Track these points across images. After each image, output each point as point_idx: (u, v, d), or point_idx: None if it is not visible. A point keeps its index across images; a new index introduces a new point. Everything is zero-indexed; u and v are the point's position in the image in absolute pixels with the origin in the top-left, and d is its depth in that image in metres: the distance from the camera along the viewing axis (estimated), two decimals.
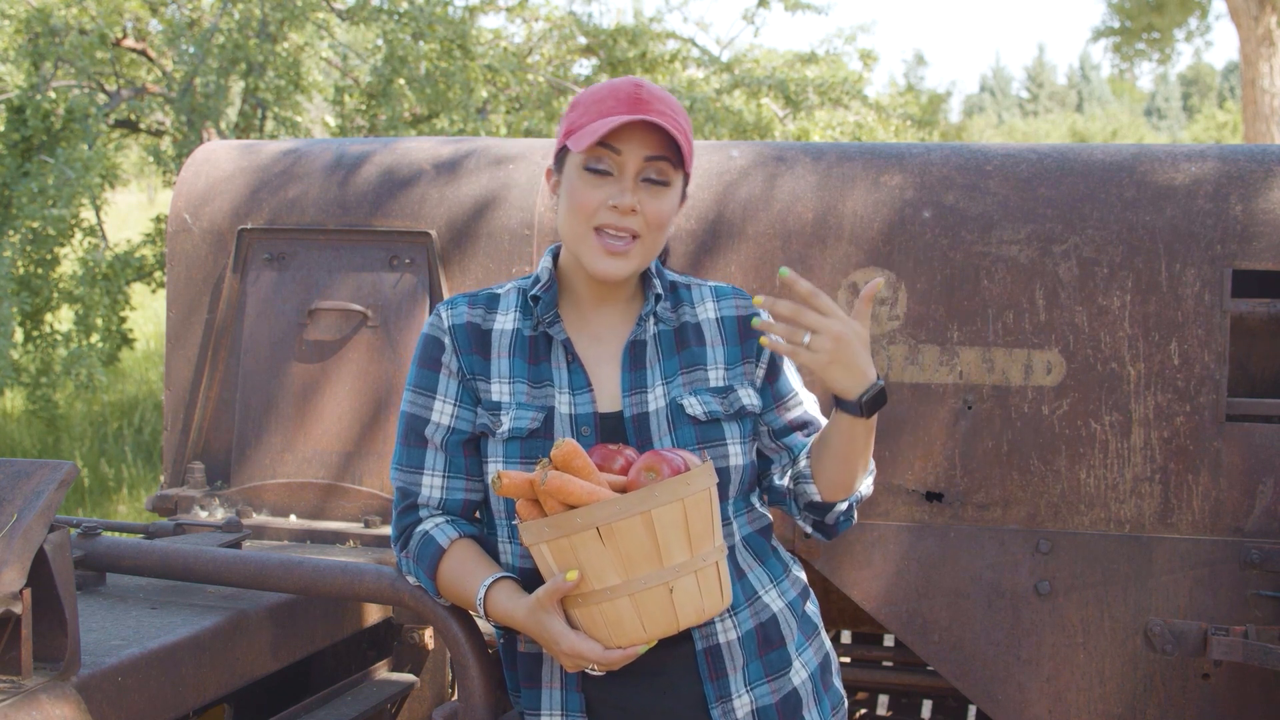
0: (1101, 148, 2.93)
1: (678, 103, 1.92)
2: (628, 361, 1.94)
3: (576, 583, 1.69)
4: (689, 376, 1.94)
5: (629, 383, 1.93)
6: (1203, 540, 2.71)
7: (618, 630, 1.71)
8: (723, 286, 2.05)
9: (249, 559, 2.34)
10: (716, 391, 1.94)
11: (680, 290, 2.02)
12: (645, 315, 1.96)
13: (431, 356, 1.97)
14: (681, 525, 1.68)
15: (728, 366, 1.97)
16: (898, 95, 12.98)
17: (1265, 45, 14.02)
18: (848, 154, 2.96)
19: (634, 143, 1.84)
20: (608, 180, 1.86)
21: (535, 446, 1.88)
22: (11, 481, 1.86)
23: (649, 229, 1.88)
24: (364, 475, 3.06)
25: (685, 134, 1.87)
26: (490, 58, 9.32)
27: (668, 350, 1.96)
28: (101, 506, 7.90)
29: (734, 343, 1.99)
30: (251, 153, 3.31)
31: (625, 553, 1.67)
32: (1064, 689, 2.75)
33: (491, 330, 1.96)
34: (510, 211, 3.05)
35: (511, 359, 1.94)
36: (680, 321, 1.99)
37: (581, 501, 1.67)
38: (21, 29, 8.72)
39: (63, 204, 7.73)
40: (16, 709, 1.76)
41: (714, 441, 1.91)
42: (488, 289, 2.03)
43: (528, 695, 1.93)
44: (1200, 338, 2.71)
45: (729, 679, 1.88)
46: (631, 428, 1.90)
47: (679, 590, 1.69)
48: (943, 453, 2.80)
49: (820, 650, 2.03)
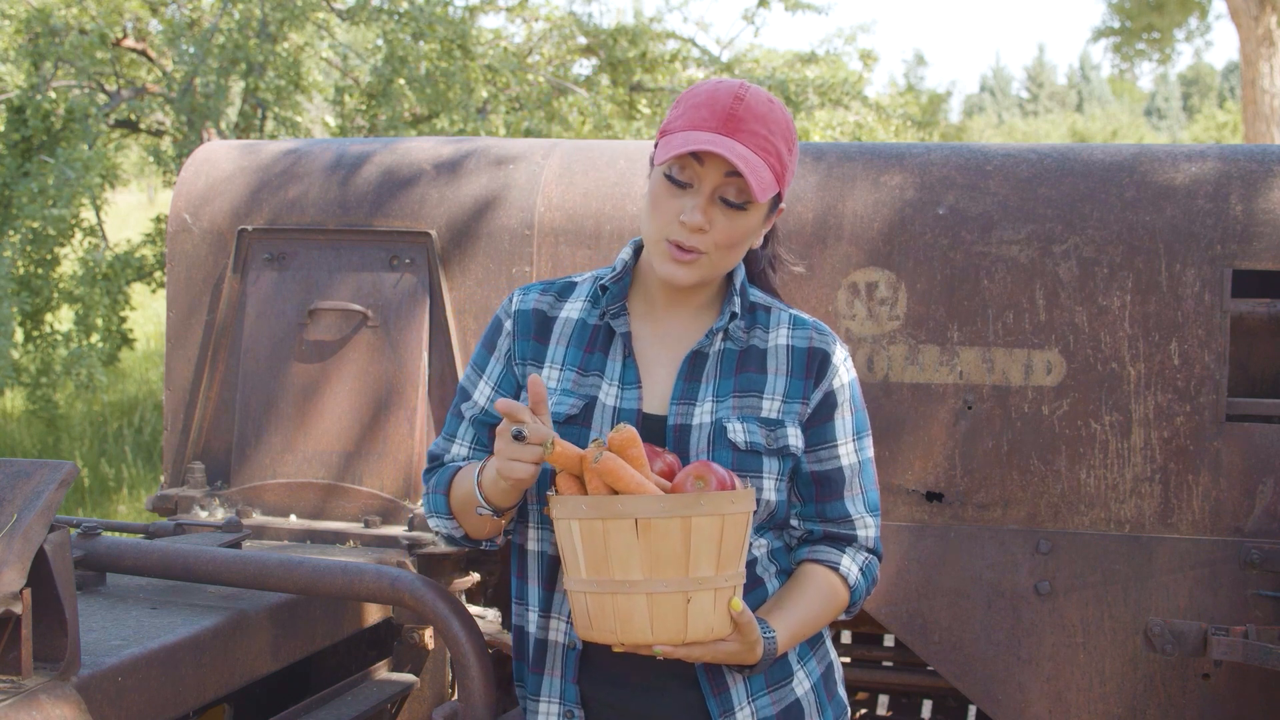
0: (1101, 148, 2.93)
1: (781, 116, 1.84)
2: (685, 370, 1.90)
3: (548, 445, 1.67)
4: (741, 401, 1.89)
5: (680, 391, 1.89)
6: (1203, 540, 2.71)
7: (626, 625, 1.70)
8: (804, 318, 1.97)
9: (249, 559, 2.34)
10: (766, 423, 1.88)
11: (759, 313, 1.96)
12: (714, 330, 1.90)
13: (490, 338, 1.99)
14: (716, 540, 1.68)
15: (785, 399, 1.90)
16: (898, 95, 12.98)
17: (1265, 45, 14.02)
18: (848, 154, 2.96)
19: (716, 161, 1.79)
20: (686, 192, 1.82)
21: (571, 434, 1.86)
22: (11, 481, 1.86)
23: (717, 248, 1.83)
24: (364, 475, 3.06)
25: (777, 154, 1.82)
26: (490, 58, 9.33)
27: (727, 369, 1.91)
28: (101, 506, 7.90)
29: (799, 375, 1.91)
30: (251, 153, 3.31)
31: (656, 551, 1.66)
32: (1064, 689, 2.75)
33: (556, 318, 1.96)
34: (510, 211, 3.05)
35: (567, 347, 1.93)
36: (748, 344, 1.93)
37: (629, 489, 1.67)
38: (21, 29, 8.72)
39: (63, 204, 7.73)
40: (16, 709, 1.76)
41: (749, 472, 1.86)
42: (568, 277, 2.02)
43: (532, 680, 1.93)
44: (1200, 338, 2.71)
45: (730, 692, 1.86)
46: (672, 436, 1.87)
47: (695, 602, 1.69)
48: (943, 453, 2.80)
49: (824, 659, 2.00)
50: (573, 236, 3.00)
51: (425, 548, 2.91)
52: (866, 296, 2.83)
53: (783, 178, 1.85)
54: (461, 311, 3.07)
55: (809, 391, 1.91)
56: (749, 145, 1.80)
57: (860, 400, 1.97)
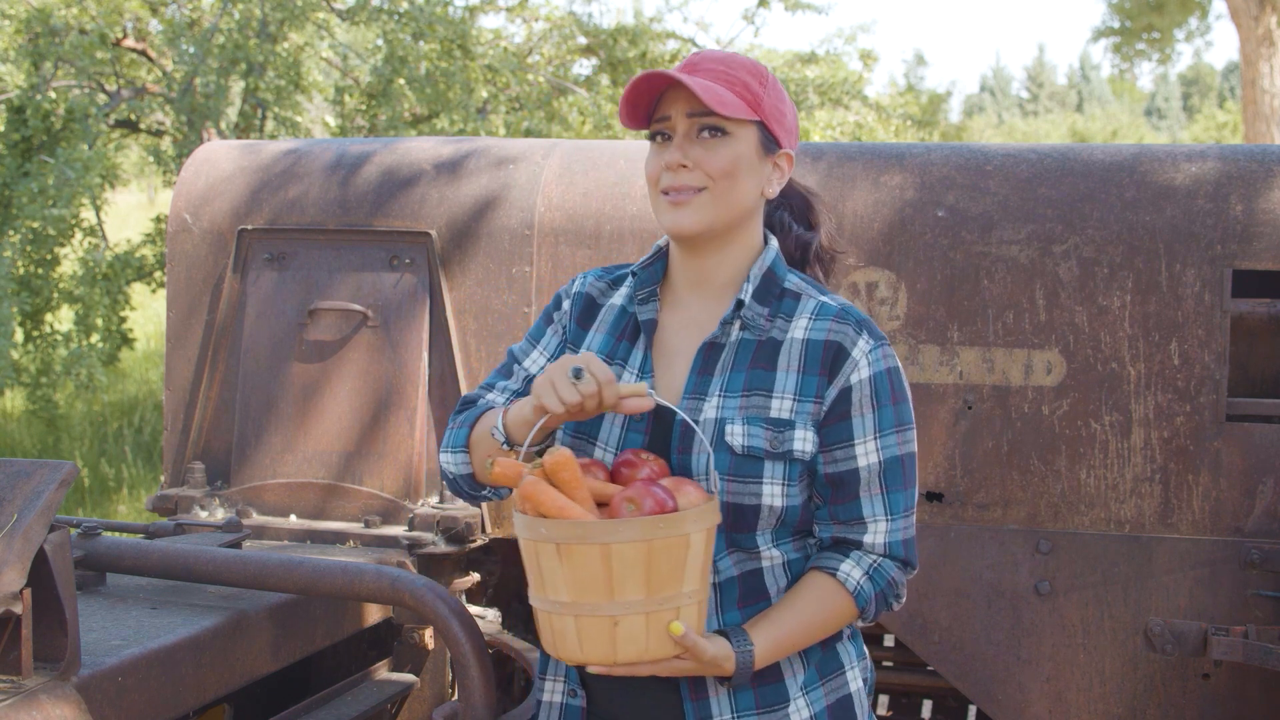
0: (1101, 148, 2.94)
1: (744, 60, 1.82)
2: (698, 363, 1.83)
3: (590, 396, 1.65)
4: (748, 400, 1.79)
5: (692, 385, 1.82)
6: (1203, 540, 2.71)
7: (561, 640, 1.69)
8: (830, 305, 1.83)
9: (249, 559, 2.34)
10: (773, 424, 1.77)
11: (786, 300, 1.84)
12: (726, 320, 1.82)
13: (549, 312, 1.98)
14: (642, 565, 1.62)
15: (798, 398, 1.78)
16: (898, 95, 12.98)
17: (1265, 45, 14.02)
18: (848, 154, 2.96)
19: (678, 104, 1.79)
20: (667, 146, 1.82)
21: (589, 423, 1.84)
22: (11, 481, 1.86)
23: (711, 180, 1.79)
24: (364, 475, 3.06)
25: (741, 83, 1.79)
26: (490, 58, 9.33)
27: (741, 362, 1.81)
28: (101, 506, 7.90)
29: (812, 372, 1.79)
30: (252, 153, 3.31)
31: (578, 575, 1.63)
32: (1064, 689, 2.75)
33: (604, 305, 1.94)
34: (510, 211, 3.05)
35: (603, 334, 1.91)
36: (768, 335, 1.82)
37: (549, 513, 1.64)
38: (21, 29, 8.72)
39: (63, 204, 7.73)
40: (16, 709, 1.76)
41: (748, 477, 1.77)
42: (625, 265, 1.99)
43: (541, 659, 1.92)
44: (1200, 338, 2.71)
45: (710, 700, 1.79)
46: (678, 432, 1.80)
47: (624, 626, 1.64)
48: (943, 453, 2.80)
49: (838, 691, 1.86)
50: (573, 236, 3.00)
51: (425, 548, 2.91)
52: (867, 296, 2.83)
53: (758, 106, 1.80)
54: (461, 311, 3.07)
55: (823, 389, 1.79)
56: (706, 78, 1.78)
57: (892, 393, 1.81)
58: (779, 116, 1.84)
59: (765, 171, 1.84)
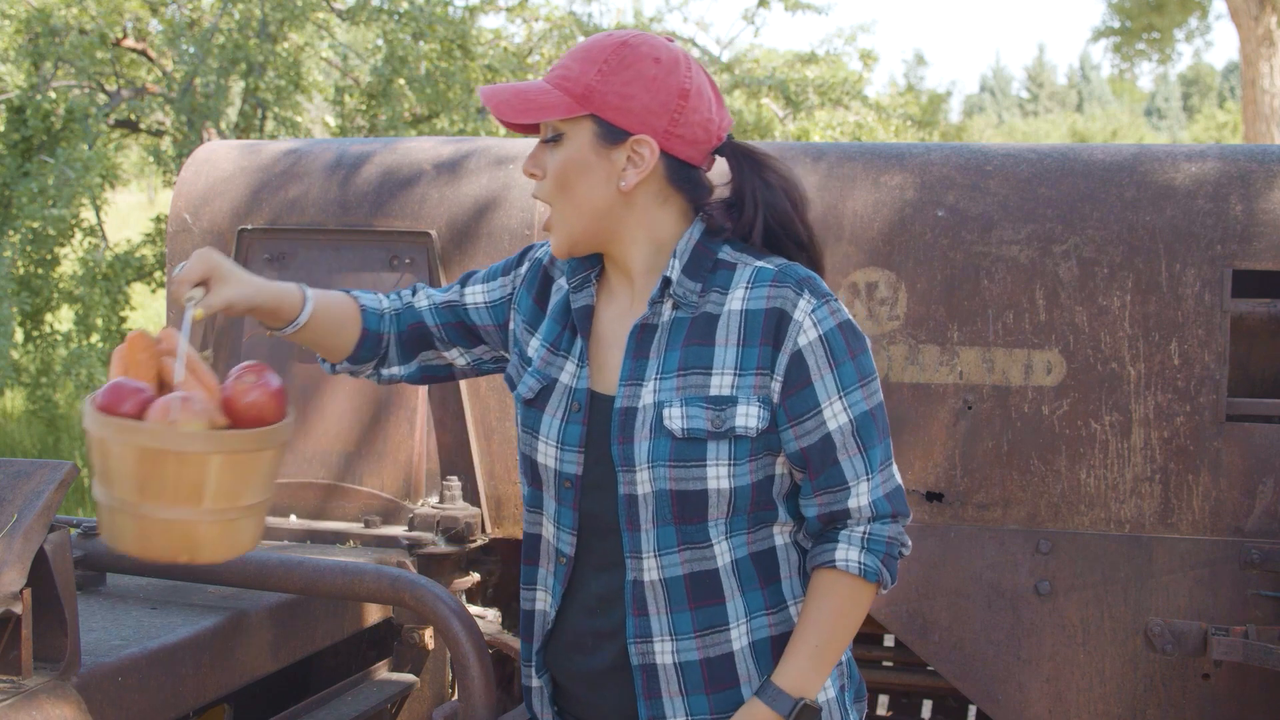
0: (1101, 148, 2.94)
1: (598, 43, 1.71)
2: (632, 346, 1.74)
3: None
4: (685, 380, 1.69)
5: (629, 370, 1.73)
6: (1203, 540, 2.71)
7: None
8: (768, 269, 1.72)
9: (249, 559, 2.34)
10: (714, 402, 1.68)
11: (721, 272, 1.73)
12: (653, 300, 1.73)
13: (510, 263, 1.95)
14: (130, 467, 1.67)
15: (739, 372, 1.69)
16: (898, 95, 12.98)
17: (1265, 45, 14.03)
18: (848, 154, 2.96)
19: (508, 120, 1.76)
20: None
21: (532, 417, 1.80)
22: (11, 481, 1.86)
23: (549, 194, 1.73)
24: (364, 475, 3.06)
25: (563, 73, 1.70)
26: (490, 58, 9.33)
27: (675, 341, 1.72)
28: None
29: (753, 343, 1.69)
30: (252, 153, 3.31)
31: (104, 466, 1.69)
32: (1064, 689, 2.75)
33: (554, 283, 1.88)
34: (510, 212, 3.05)
35: (549, 321, 1.86)
36: (702, 310, 1.72)
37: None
38: (21, 29, 8.72)
39: (63, 204, 7.74)
40: (16, 709, 1.76)
41: (690, 461, 1.67)
42: None
43: (525, 571, 1.89)
44: (1200, 338, 2.71)
45: (663, 700, 1.73)
46: (617, 420, 1.72)
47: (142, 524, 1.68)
48: (943, 453, 2.80)
49: None
50: None
51: (425, 548, 2.91)
52: (866, 296, 2.83)
53: (586, 97, 1.68)
54: None
55: (769, 359, 1.68)
56: (548, 79, 1.73)
57: (849, 348, 1.70)
58: (621, 101, 1.68)
59: (614, 164, 1.70)
